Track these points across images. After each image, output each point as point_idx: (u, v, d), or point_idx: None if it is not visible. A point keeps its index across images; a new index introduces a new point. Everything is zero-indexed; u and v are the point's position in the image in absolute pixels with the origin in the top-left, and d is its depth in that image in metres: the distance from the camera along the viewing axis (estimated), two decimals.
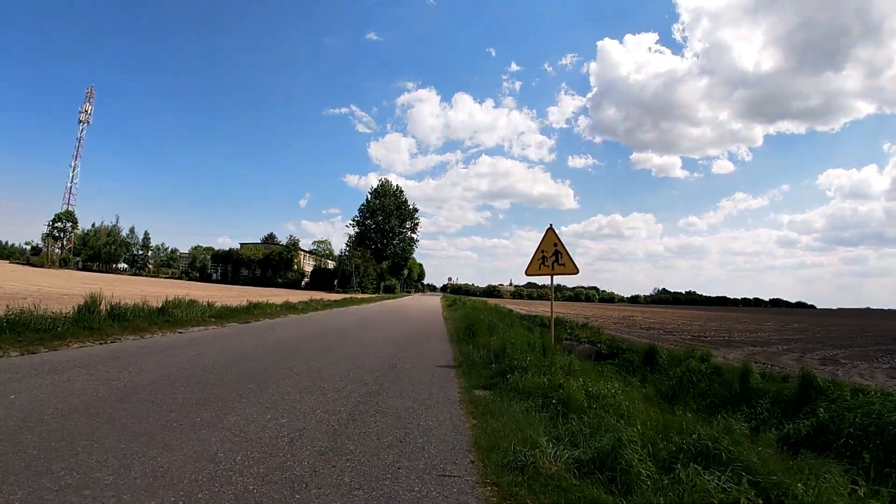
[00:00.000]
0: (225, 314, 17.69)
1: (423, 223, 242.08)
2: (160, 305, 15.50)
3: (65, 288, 30.69)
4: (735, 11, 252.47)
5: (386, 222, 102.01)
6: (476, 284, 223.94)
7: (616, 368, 12.40)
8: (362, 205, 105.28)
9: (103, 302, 14.04)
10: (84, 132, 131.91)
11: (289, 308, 23.69)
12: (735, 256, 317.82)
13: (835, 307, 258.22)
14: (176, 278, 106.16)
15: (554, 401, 6.36)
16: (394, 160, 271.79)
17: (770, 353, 21.99)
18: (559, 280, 11.68)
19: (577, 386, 6.76)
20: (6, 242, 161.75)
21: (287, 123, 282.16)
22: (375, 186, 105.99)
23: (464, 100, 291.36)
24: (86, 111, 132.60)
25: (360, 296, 64.63)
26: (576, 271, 10.58)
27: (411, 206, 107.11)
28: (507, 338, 11.73)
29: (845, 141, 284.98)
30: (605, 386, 7.27)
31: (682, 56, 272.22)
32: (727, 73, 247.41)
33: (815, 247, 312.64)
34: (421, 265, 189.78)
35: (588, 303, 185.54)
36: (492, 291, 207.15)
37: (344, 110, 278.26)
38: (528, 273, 11.26)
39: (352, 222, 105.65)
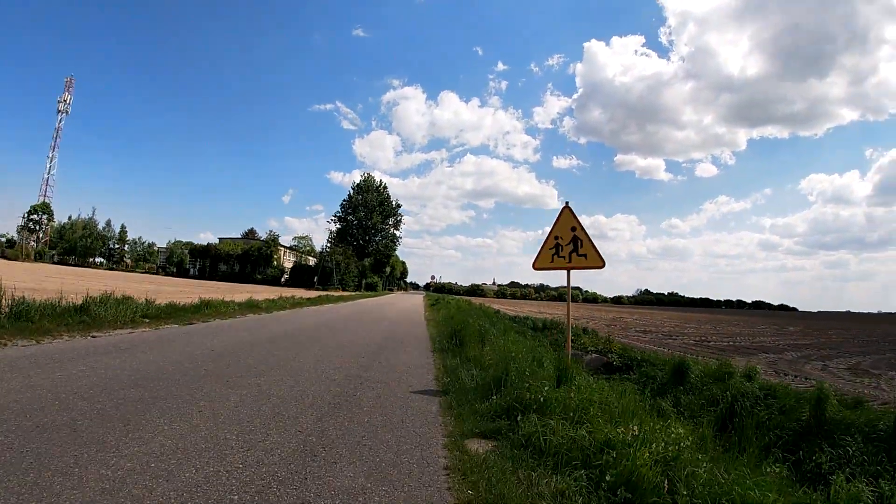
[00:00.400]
0: (166, 313, 14.77)
1: (408, 221, 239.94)
2: (80, 302, 12.62)
3: (18, 282, 27.44)
4: (721, 16, 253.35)
5: (368, 218, 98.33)
6: (459, 283, 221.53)
7: (636, 386, 9.83)
8: (344, 200, 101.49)
9: (3, 298, 11.28)
10: (62, 122, 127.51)
11: (250, 307, 20.79)
12: (717, 259, 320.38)
13: (815, 310, 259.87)
14: (153, 273, 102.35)
15: (608, 478, 3.70)
16: (378, 157, 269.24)
17: (788, 360, 19.68)
18: (544, 280, 9.01)
19: (638, 444, 4.10)
20: None
21: (272, 119, 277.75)
22: (358, 181, 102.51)
23: (449, 98, 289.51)
24: (65, 101, 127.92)
25: (338, 293, 61.66)
26: (601, 264, 7.87)
27: (394, 202, 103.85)
28: (506, 349, 9.04)
29: (828, 147, 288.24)
30: (669, 434, 4.66)
31: (669, 60, 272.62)
32: (713, 78, 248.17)
33: (796, 250, 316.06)
34: (404, 263, 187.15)
35: (572, 303, 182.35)
36: (475, 290, 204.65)
37: (329, 107, 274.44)
38: (536, 266, 8.52)
39: (333, 218, 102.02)
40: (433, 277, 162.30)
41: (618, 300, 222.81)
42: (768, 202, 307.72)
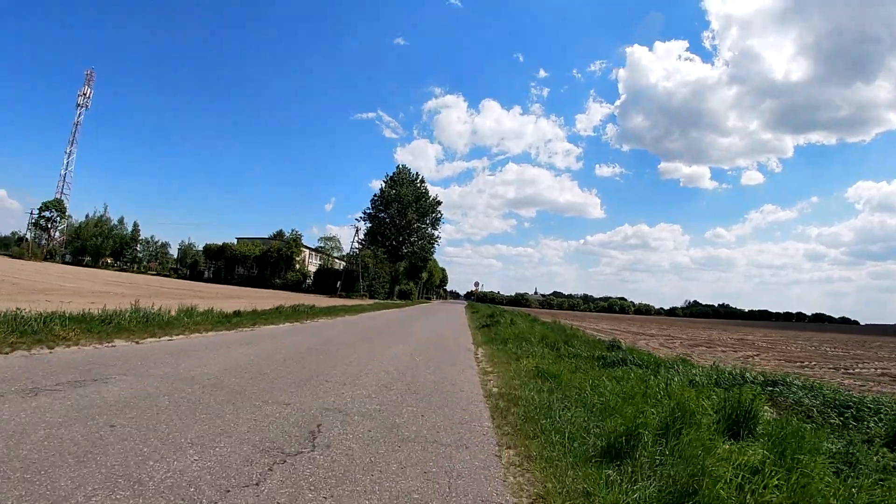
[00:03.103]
0: None
1: (448, 230, 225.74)
2: None
3: None
4: (764, 20, 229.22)
5: (402, 216, 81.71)
6: (501, 292, 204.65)
7: None
8: (375, 195, 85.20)
9: None
10: (82, 117, 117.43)
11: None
12: (762, 269, 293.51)
13: (862, 322, 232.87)
14: (163, 275, 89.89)
15: None
16: (420, 166, 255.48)
17: None
18: (585, 290, 0.50)
19: None
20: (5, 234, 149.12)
21: (315, 128, 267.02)
22: (391, 173, 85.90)
23: (491, 106, 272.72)
24: (84, 94, 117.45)
25: (356, 303, 46.28)
26: None
27: (433, 198, 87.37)
28: None
29: (876, 153, 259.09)
30: None
31: (712, 65, 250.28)
32: (757, 83, 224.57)
33: (842, 261, 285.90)
34: (444, 269, 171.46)
35: (623, 315, 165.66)
36: (519, 300, 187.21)
37: (371, 115, 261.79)
38: None
39: (363, 215, 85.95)
40: (477, 285, 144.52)
41: (672, 312, 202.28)
42: (815, 211, 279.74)
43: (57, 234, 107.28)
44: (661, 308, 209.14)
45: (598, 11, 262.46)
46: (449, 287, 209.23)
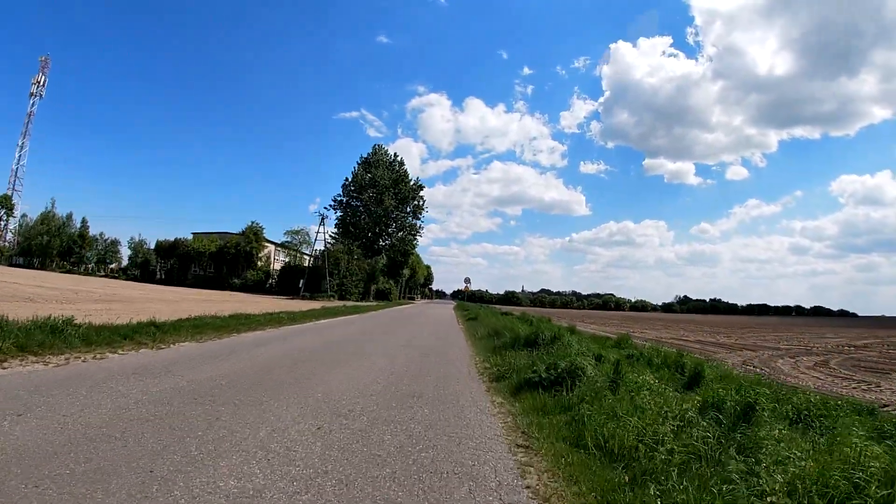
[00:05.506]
0: None
1: (434, 229, 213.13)
2: None
3: None
4: (748, 14, 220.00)
5: (378, 203, 68.88)
6: (489, 291, 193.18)
7: None
8: (346, 179, 72.55)
9: None
10: (35, 107, 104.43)
11: None
12: (747, 263, 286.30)
13: (860, 315, 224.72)
14: (111, 277, 76.95)
15: None
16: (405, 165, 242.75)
17: None
18: (571, 287, 0.52)
19: None
20: None
21: (298, 127, 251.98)
22: (366, 155, 72.99)
23: (475, 104, 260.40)
24: (38, 82, 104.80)
25: (304, 307, 33.76)
26: None
27: (414, 181, 74.23)
28: None
29: (859, 147, 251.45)
30: None
31: (696, 60, 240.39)
32: (741, 78, 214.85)
33: (827, 254, 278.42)
34: (428, 267, 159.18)
35: (619, 311, 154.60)
36: (510, 298, 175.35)
37: (355, 114, 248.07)
38: None
39: (333, 203, 72.76)
40: (467, 282, 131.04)
41: (669, 308, 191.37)
42: (798, 205, 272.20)
43: (9, 234, 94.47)
44: (655, 305, 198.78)
45: (583, 7, 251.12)
46: (434, 286, 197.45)
